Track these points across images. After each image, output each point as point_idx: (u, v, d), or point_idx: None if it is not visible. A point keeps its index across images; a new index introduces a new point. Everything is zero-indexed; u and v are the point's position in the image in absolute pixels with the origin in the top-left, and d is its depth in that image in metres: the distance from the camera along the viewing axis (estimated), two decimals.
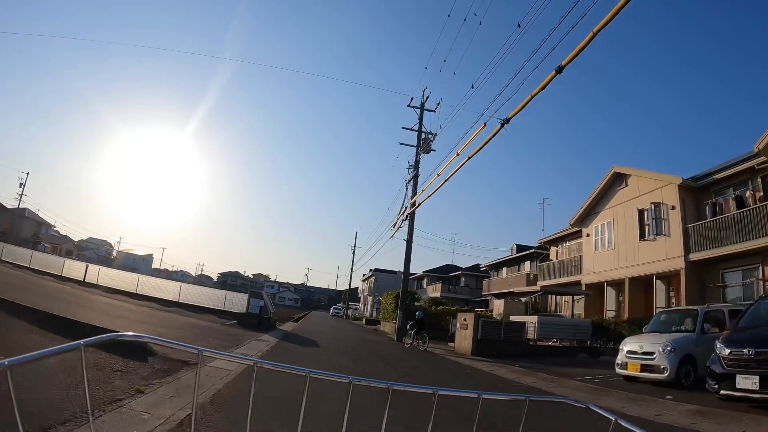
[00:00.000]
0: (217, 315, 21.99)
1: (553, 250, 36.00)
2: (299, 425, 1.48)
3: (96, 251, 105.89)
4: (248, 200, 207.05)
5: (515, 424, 1.60)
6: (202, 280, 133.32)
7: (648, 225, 22.69)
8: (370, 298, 69.22)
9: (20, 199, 70.71)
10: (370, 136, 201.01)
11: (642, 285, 23.52)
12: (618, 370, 12.14)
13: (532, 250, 39.55)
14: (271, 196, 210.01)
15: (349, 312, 68.46)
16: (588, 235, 28.43)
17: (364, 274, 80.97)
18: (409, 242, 25.43)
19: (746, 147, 27.68)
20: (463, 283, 54.41)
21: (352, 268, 65.58)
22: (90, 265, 28.81)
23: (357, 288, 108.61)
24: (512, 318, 24.70)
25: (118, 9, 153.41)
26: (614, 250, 25.42)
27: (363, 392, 1.96)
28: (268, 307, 19.88)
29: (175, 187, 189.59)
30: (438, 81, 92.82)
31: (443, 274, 57.14)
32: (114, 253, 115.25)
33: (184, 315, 19.92)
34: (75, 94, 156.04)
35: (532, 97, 10.44)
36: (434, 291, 54.37)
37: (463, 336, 20.68)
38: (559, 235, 34.50)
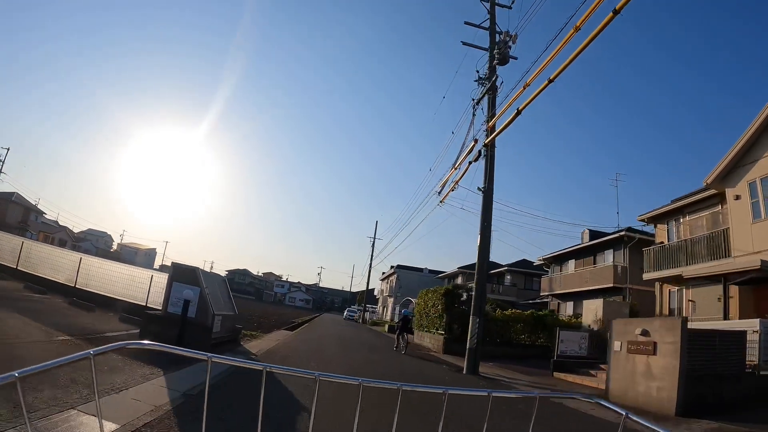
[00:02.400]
0: (122, 315, 10.86)
1: (660, 230, 24.36)
2: None
3: (94, 243, 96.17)
4: (261, 197, 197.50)
5: None
6: None
7: None
8: (390, 300, 57.60)
9: None
10: (384, 135, 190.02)
11: None
12: None
13: (622, 233, 27.48)
14: (284, 193, 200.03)
15: (366, 315, 56.83)
16: (738, 197, 17.38)
17: (383, 273, 69.11)
18: (488, 193, 13.98)
19: None
20: (508, 282, 42.70)
21: (371, 263, 54.06)
22: None
23: (373, 289, 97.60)
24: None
25: (125, 8, 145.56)
26: None
27: None
28: (208, 305, 8.45)
29: (185, 184, 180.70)
30: None
31: None
32: (114, 246, 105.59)
33: (32, 319, 8.71)
34: (89, 94, 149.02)
35: None
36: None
37: (644, 368, 9.52)
38: (671, 207, 23.11)
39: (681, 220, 22.51)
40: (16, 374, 0.93)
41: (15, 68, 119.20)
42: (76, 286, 13.09)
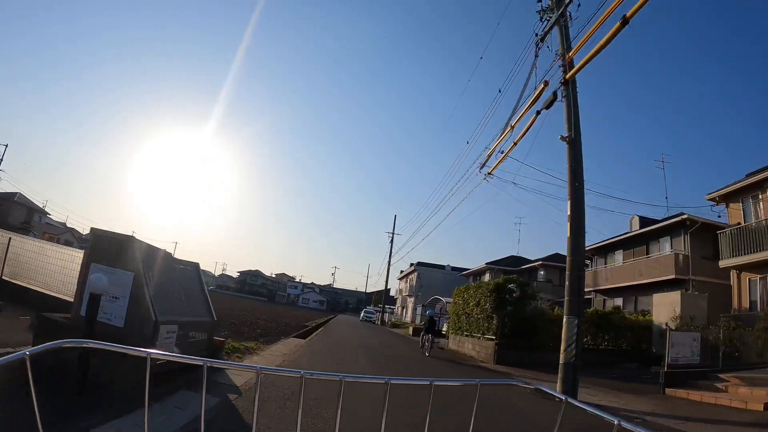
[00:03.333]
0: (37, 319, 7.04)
1: (733, 209, 20.45)
2: None
3: None
4: (273, 199, 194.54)
5: None
6: (224, 280, 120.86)
7: None
8: (410, 300, 53.53)
9: None
10: (396, 134, 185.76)
11: None
12: None
13: (683, 216, 23.15)
14: (298, 193, 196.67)
15: (385, 317, 52.66)
16: None
17: (401, 271, 64.88)
18: (575, 142, 9.95)
19: None
20: (542, 278, 38.36)
21: (389, 261, 50.01)
22: None
23: (389, 290, 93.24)
24: None
25: (132, 8, 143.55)
26: None
27: None
28: (148, 305, 4.63)
29: (198, 185, 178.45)
30: None
31: (512, 266, 41.30)
32: None
33: None
34: (99, 95, 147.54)
35: None
36: None
37: None
38: (746, 182, 19.39)
39: (760, 197, 18.60)
40: None
41: (21, 69, 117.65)
42: (2, 278, 9.37)
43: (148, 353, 1.19)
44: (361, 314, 57.87)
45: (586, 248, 32.37)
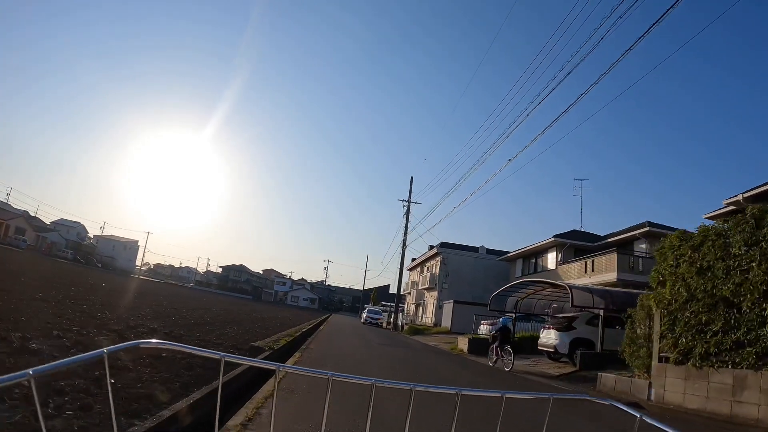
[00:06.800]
0: None
1: None
2: None
3: (64, 234, 78.13)
4: (264, 190, 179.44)
5: None
6: (208, 277, 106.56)
7: None
8: (430, 294, 39.39)
9: None
10: (395, 120, 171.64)
11: None
12: None
13: None
14: (286, 187, 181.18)
15: (399, 318, 38.19)
16: None
17: (413, 259, 49.75)
18: None
19: None
20: (644, 253, 24.44)
21: (405, 240, 35.91)
22: None
23: (388, 285, 79.28)
24: None
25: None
26: None
27: None
28: None
29: (180, 177, 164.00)
30: None
31: (589, 241, 27.67)
32: (91, 237, 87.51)
33: None
34: (88, 87, 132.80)
35: None
36: (579, 273, 25.18)
37: None
38: None
39: None
40: (30, 372, 0.85)
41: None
42: None
43: (221, 356, 1.12)
44: (363, 315, 43.59)
45: (742, 198, 18.52)
